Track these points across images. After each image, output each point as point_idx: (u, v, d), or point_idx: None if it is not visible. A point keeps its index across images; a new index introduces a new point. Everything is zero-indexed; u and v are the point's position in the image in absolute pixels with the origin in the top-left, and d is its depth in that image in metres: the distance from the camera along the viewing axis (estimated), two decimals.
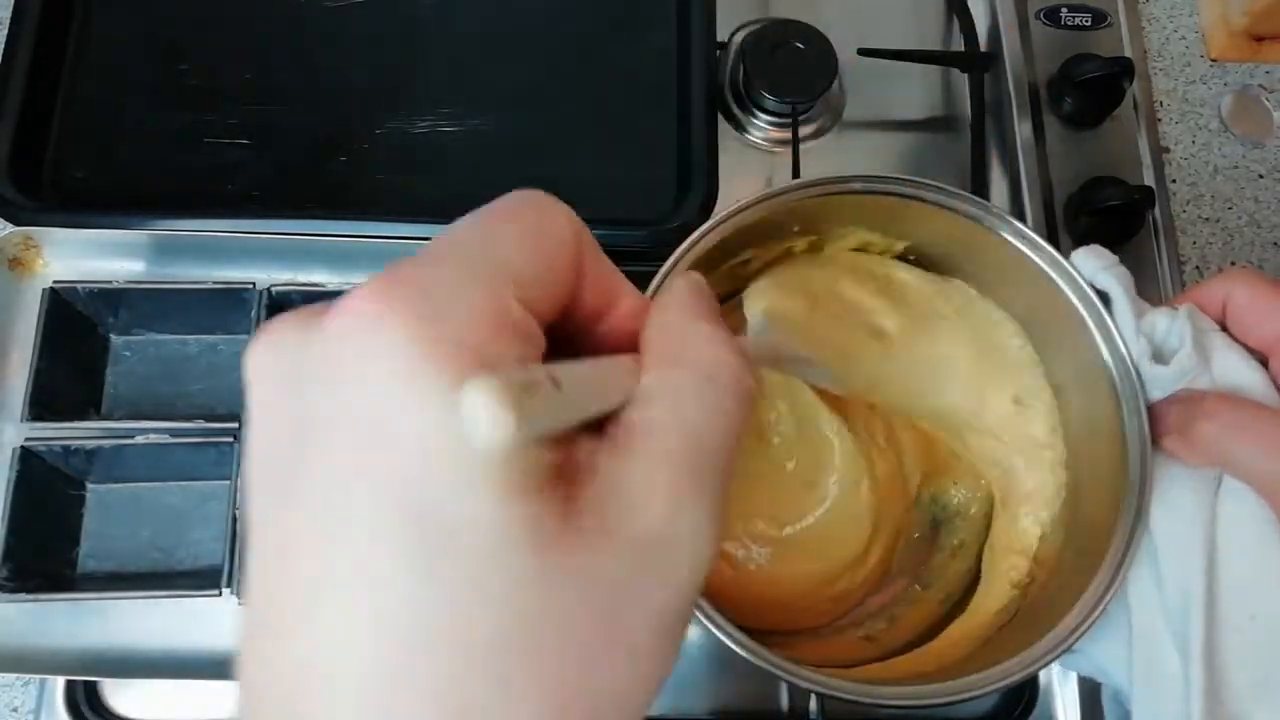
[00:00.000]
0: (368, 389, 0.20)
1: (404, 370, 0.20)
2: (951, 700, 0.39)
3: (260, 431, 0.23)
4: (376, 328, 0.20)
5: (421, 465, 0.20)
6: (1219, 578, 0.38)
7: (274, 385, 0.23)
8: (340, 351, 0.21)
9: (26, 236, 0.55)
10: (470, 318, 0.21)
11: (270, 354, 0.23)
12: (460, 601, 0.20)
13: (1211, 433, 0.38)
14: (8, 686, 0.58)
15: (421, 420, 0.20)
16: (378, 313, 0.21)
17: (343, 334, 0.21)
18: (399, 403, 0.20)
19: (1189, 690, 0.37)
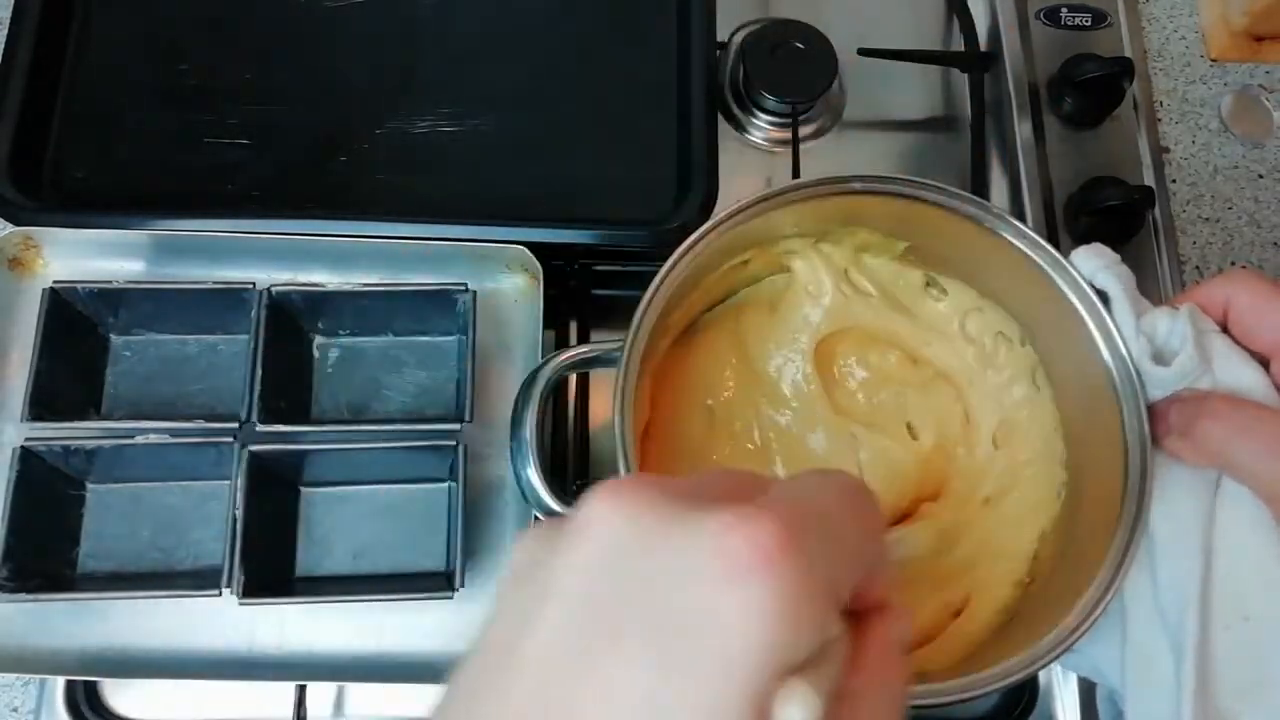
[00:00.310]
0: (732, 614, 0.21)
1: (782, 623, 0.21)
2: (951, 700, 0.39)
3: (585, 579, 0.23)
4: (769, 569, 0.21)
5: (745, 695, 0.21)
6: (1214, 578, 0.38)
7: (621, 549, 0.23)
8: (725, 563, 0.22)
9: (26, 236, 0.55)
10: (828, 598, 0.23)
11: (625, 511, 0.23)
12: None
13: (1215, 433, 0.38)
14: (8, 686, 0.58)
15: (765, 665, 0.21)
16: (776, 557, 0.22)
17: (733, 551, 0.22)
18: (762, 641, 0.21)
19: (1180, 689, 0.37)
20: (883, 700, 0.26)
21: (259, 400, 0.52)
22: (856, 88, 0.72)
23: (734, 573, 0.21)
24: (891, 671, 0.26)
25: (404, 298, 0.55)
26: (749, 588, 0.21)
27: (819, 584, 0.22)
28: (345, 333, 0.58)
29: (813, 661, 0.23)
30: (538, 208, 0.61)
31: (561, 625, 0.22)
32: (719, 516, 0.22)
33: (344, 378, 0.58)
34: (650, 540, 0.23)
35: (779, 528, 0.22)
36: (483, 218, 0.58)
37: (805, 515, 0.23)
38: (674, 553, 0.22)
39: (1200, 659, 0.37)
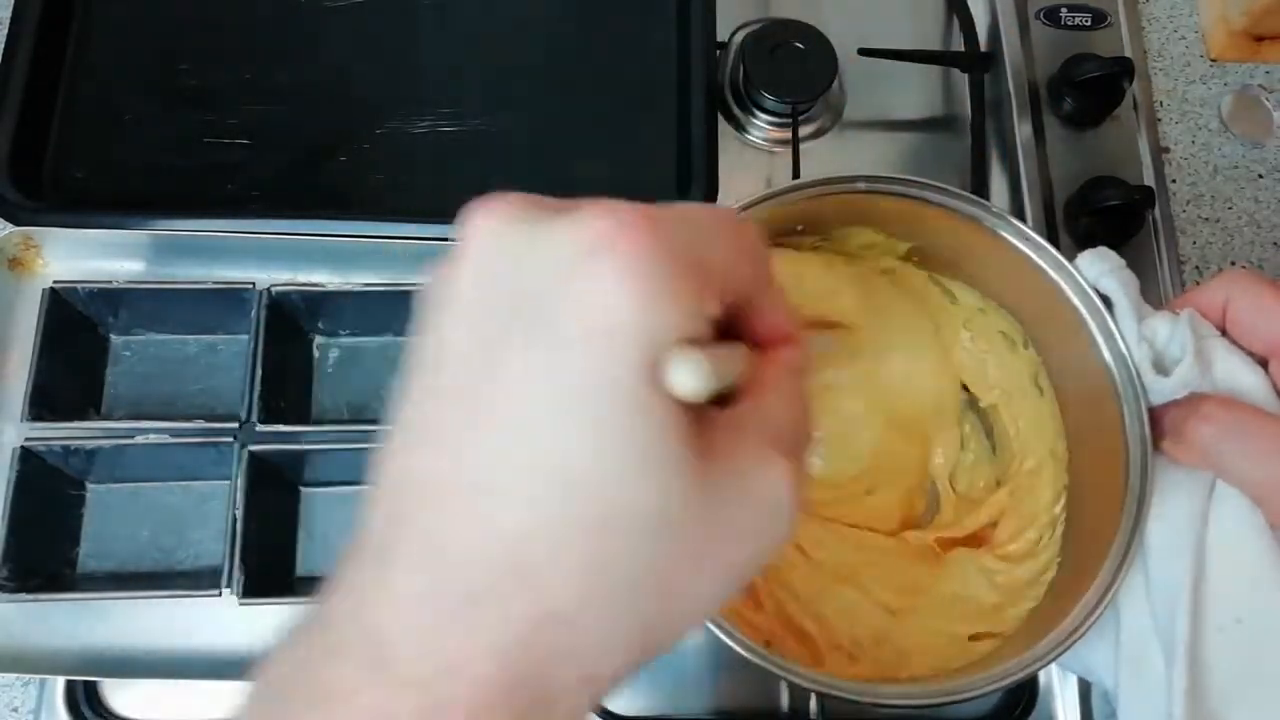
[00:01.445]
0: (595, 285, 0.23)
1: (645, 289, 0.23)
2: (952, 700, 0.39)
3: (466, 287, 0.25)
4: (637, 241, 0.23)
5: (630, 363, 0.23)
6: (1206, 579, 0.38)
7: (491, 250, 0.25)
8: (594, 243, 0.23)
9: (26, 236, 0.55)
10: (700, 277, 0.25)
11: (495, 220, 0.26)
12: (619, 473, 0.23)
13: (1206, 435, 0.38)
14: (8, 686, 0.57)
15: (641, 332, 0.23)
16: (642, 230, 0.24)
17: (602, 230, 0.24)
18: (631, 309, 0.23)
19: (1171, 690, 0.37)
20: (782, 397, 0.28)
21: (259, 400, 0.52)
22: (856, 88, 0.72)
23: (595, 247, 0.23)
24: (791, 381, 0.29)
25: (404, 298, 0.55)
26: (611, 258, 0.23)
27: (681, 258, 0.24)
28: (345, 333, 0.58)
29: (702, 342, 0.25)
30: None
31: (460, 329, 0.25)
32: (583, 209, 0.24)
33: (344, 378, 0.58)
34: (525, 239, 0.25)
35: (638, 213, 0.24)
36: None
37: (670, 213, 0.25)
38: (546, 247, 0.24)
39: (1192, 660, 0.37)
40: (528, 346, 0.24)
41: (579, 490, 0.23)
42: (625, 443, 0.23)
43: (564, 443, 0.23)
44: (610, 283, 0.23)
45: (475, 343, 0.25)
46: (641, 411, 0.23)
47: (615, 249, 0.23)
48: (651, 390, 0.23)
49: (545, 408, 0.23)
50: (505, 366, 0.24)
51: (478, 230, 0.26)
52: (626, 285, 0.23)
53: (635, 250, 0.23)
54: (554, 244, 0.24)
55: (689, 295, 0.24)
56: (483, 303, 0.25)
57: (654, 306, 0.23)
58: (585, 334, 0.23)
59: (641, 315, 0.23)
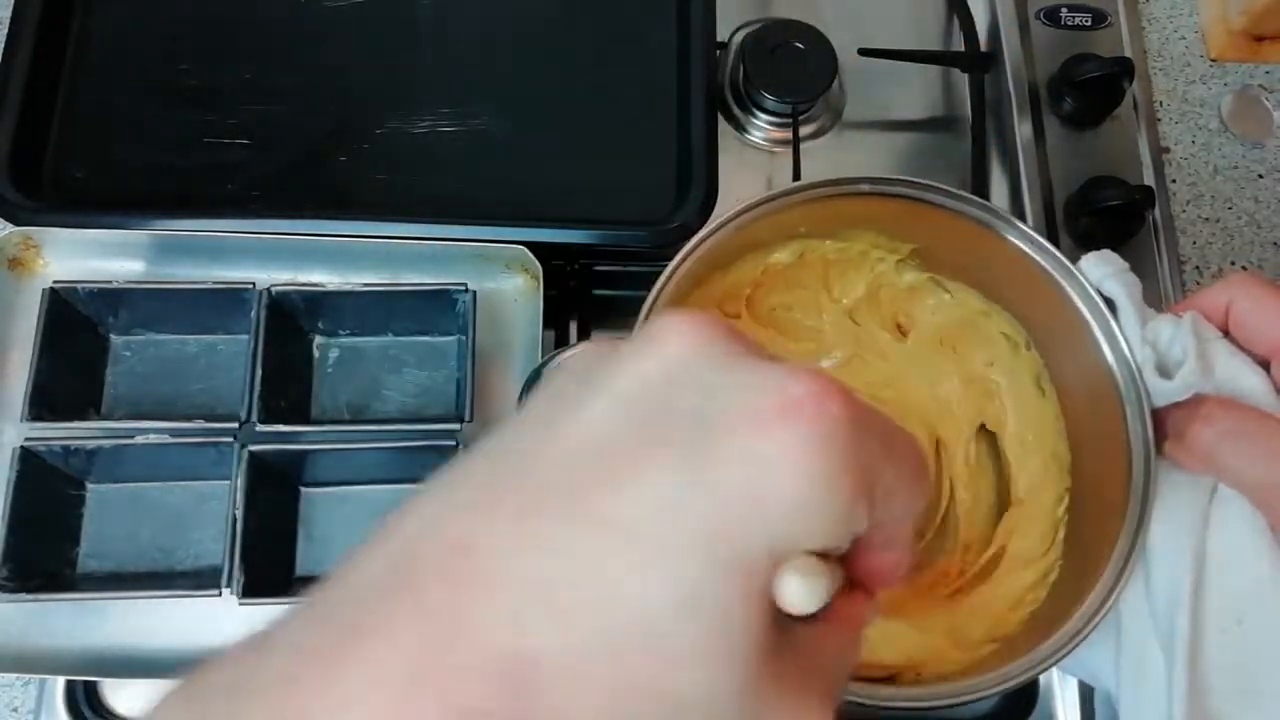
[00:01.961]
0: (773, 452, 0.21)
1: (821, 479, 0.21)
2: (954, 703, 0.39)
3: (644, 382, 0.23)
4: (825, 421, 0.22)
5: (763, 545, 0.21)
6: (1207, 582, 0.38)
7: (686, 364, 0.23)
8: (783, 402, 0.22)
9: (26, 236, 0.55)
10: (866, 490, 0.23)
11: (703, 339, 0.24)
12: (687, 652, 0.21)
13: (1207, 438, 0.38)
14: (8, 686, 0.58)
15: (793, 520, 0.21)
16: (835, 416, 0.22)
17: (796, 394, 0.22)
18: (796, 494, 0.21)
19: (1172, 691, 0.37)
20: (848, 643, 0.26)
21: (259, 400, 0.52)
22: (856, 88, 0.72)
23: (792, 409, 0.22)
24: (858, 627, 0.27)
25: (404, 298, 0.55)
26: (802, 430, 0.21)
27: (863, 466, 0.22)
28: (345, 333, 0.58)
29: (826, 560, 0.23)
30: (538, 208, 0.61)
31: (607, 418, 0.23)
32: (791, 366, 0.23)
33: (344, 378, 0.58)
34: (717, 366, 0.23)
35: (846, 398, 0.22)
36: (483, 218, 0.58)
37: (869, 413, 0.23)
38: (736, 384, 0.23)
39: (1192, 662, 0.37)
40: (671, 469, 0.22)
41: (625, 640, 0.21)
42: (710, 625, 0.21)
43: (644, 584, 0.21)
44: (791, 454, 0.21)
45: (611, 436, 0.22)
46: (743, 601, 0.21)
47: (811, 423, 0.21)
48: (764, 586, 0.22)
49: (650, 537, 0.21)
50: (632, 475, 0.22)
51: (677, 333, 0.24)
52: (804, 466, 0.21)
53: (829, 436, 0.22)
54: (749, 385, 0.22)
55: (853, 507, 0.22)
56: (643, 405, 0.23)
57: (818, 502, 0.21)
58: (739, 490, 0.21)
59: (802, 505, 0.21)
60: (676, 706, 0.21)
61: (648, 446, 0.22)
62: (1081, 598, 0.40)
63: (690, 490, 0.21)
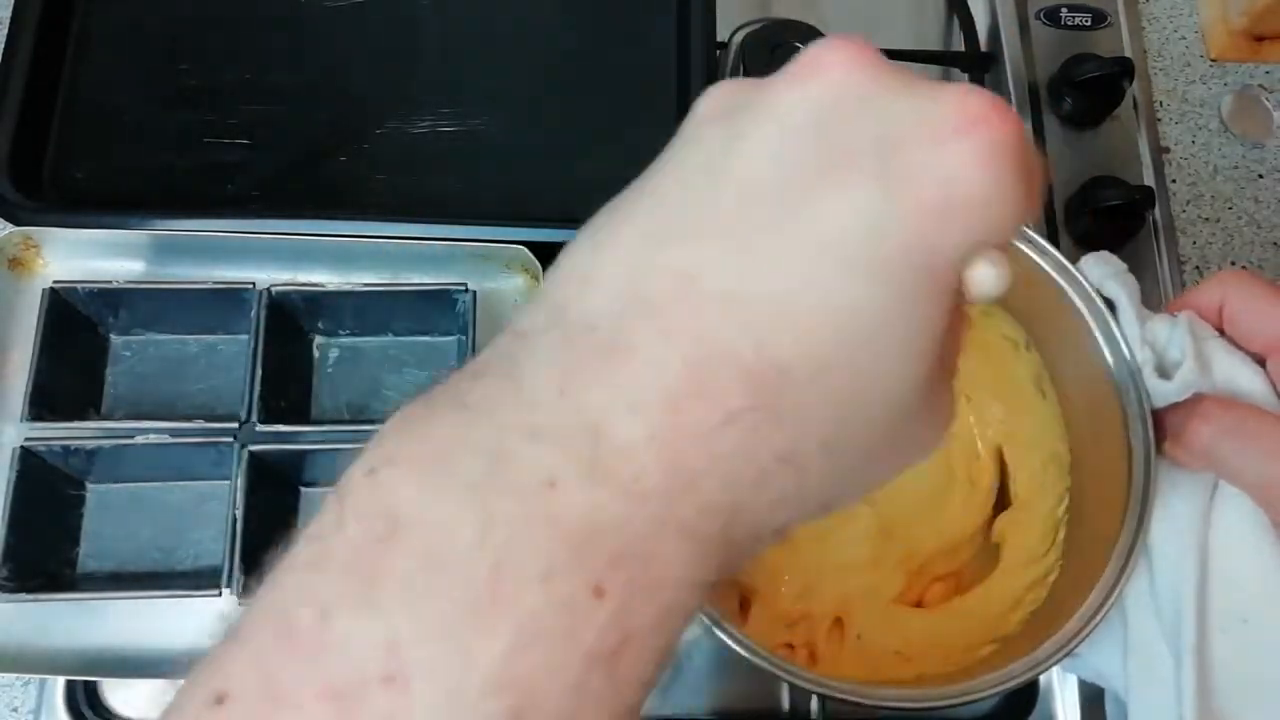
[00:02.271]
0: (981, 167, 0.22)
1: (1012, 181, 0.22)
2: (955, 703, 0.39)
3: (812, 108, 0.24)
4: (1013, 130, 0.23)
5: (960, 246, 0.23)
6: (1211, 580, 0.38)
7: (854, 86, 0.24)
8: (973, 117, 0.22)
9: (26, 236, 0.55)
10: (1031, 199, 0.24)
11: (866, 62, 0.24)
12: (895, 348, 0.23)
13: (1206, 436, 0.38)
14: (8, 686, 0.57)
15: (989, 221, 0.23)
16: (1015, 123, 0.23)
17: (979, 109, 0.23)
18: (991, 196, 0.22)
19: (1180, 691, 0.37)
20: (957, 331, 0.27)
21: (259, 400, 0.52)
22: None
23: (974, 121, 0.22)
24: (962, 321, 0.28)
25: (404, 298, 0.55)
26: (988, 138, 0.22)
27: (1030, 169, 0.23)
28: (345, 333, 0.58)
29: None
30: (538, 208, 0.61)
31: (781, 147, 0.23)
32: (959, 86, 0.23)
33: (344, 378, 0.58)
34: (886, 88, 0.24)
35: (1012, 111, 0.23)
36: (483, 218, 0.58)
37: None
38: (910, 103, 0.23)
39: (1199, 661, 0.37)
40: (866, 187, 0.22)
41: (851, 343, 0.22)
42: (918, 325, 0.23)
43: (855, 292, 0.22)
44: (979, 161, 0.22)
45: (796, 163, 0.23)
46: (940, 300, 0.23)
47: (994, 131, 0.22)
48: (954, 282, 0.23)
49: (854, 246, 0.22)
50: (831, 195, 0.22)
51: (835, 62, 0.24)
52: (995, 171, 0.22)
53: (1012, 140, 0.23)
54: (924, 103, 0.23)
55: (1029, 202, 0.23)
56: (818, 130, 0.23)
57: (1011, 200, 0.23)
58: (933, 201, 0.22)
59: (998, 206, 0.23)
60: (888, 397, 0.23)
61: (837, 168, 0.23)
62: (1082, 598, 0.40)
63: (888, 205, 0.22)
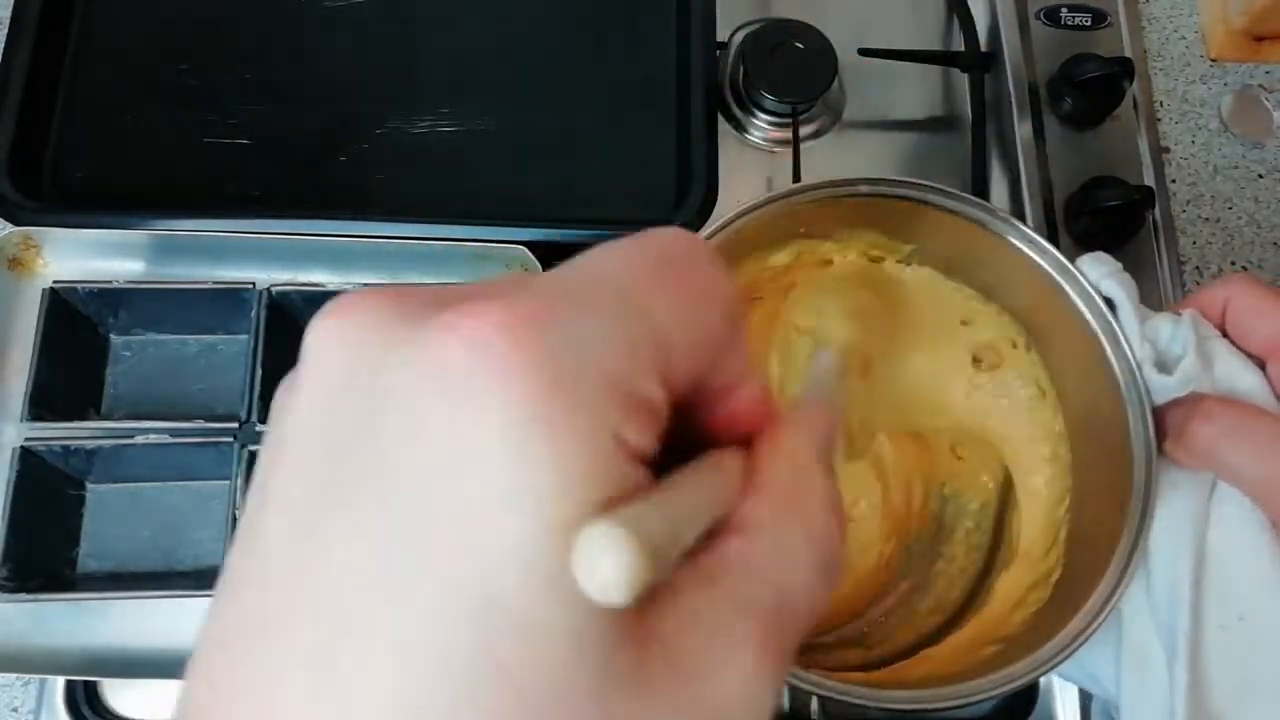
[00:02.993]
0: (457, 433, 0.17)
1: (512, 426, 0.16)
2: (954, 704, 0.39)
3: (301, 430, 0.19)
4: (495, 371, 0.17)
5: (500, 548, 0.16)
6: (1207, 578, 0.38)
7: (334, 380, 0.18)
8: (433, 370, 0.17)
9: (26, 236, 0.55)
10: (601, 383, 0.17)
11: (341, 337, 0.19)
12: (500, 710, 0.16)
13: (1206, 435, 0.38)
14: (8, 686, 0.57)
15: (518, 504, 0.16)
16: (503, 354, 0.17)
17: (442, 351, 0.17)
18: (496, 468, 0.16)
19: (1173, 688, 0.37)
20: (792, 534, 0.20)
21: (259, 400, 0.52)
22: (856, 88, 0.72)
23: (451, 389, 0.17)
24: (800, 494, 0.21)
25: None
26: (471, 405, 0.17)
27: (587, 378, 0.17)
28: None
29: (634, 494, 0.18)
30: (538, 208, 0.61)
31: (289, 487, 0.18)
32: (441, 318, 0.17)
33: None
34: (374, 362, 0.18)
35: (509, 317, 0.17)
36: (483, 218, 0.58)
37: (567, 292, 0.19)
38: (397, 373, 0.17)
39: (1193, 658, 0.37)
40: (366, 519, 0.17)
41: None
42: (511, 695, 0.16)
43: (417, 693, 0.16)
44: (474, 440, 0.16)
45: (305, 509, 0.18)
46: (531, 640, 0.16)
47: (481, 390, 0.17)
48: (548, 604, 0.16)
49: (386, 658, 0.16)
50: (337, 539, 0.17)
51: (320, 345, 0.19)
52: (501, 443, 0.16)
53: (509, 393, 0.16)
54: (408, 371, 0.17)
55: (604, 423, 0.17)
56: (317, 452, 0.18)
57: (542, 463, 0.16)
58: (441, 503, 0.16)
59: (521, 486, 0.16)
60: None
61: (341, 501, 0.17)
62: (1084, 597, 0.40)
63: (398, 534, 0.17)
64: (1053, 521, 0.47)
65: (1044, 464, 0.48)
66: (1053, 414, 0.49)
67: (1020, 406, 0.50)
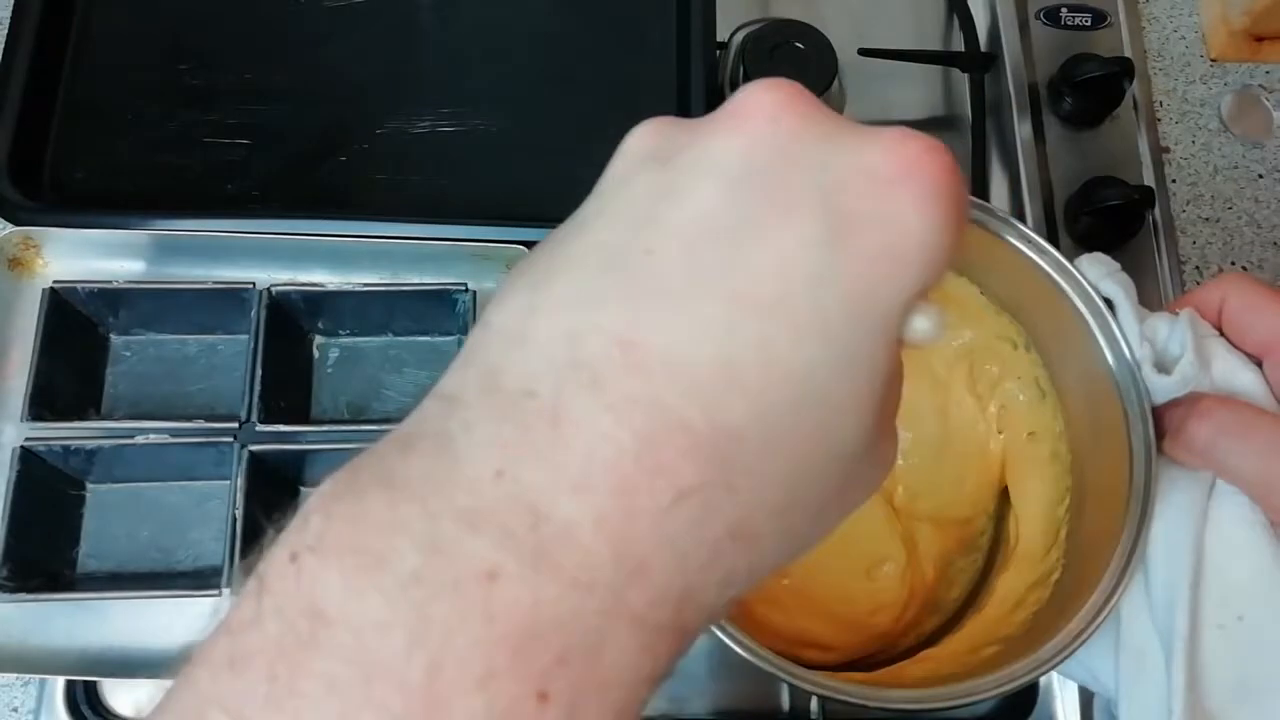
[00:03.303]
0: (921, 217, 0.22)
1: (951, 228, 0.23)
2: (954, 704, 0.39)
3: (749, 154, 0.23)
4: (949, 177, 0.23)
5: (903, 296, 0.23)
6: (1206, 577, 0.38)
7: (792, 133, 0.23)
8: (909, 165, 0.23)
9: (26, 236, 0.55)
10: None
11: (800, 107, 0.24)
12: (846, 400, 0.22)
13: (1204, 434, 0.38)
14: (8, 686, 0.57)
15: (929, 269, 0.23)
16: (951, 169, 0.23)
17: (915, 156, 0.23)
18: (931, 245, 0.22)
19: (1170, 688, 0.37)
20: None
21: (259, 400, 0.52)
22: (856, 88, 0.72)
23: (911, 170, 0.22)
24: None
25: (404, 298, 0.55)
26: (925, 186, 0.22)
27: (964, 208, 0.23)
28: (345, 333, 0.58)
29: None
30: (538, 208, 0.61)
31: (721, 196, 0.22)
32: (893, 131, 0.23)
33: (344, 378, 0.58)
34: (819, 134, 0.23)
35: (943, 150, 0.23)
36: (483, 218, 0.58)
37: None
38: (845, 149, 0.23)
39: (1191, 657, 0.37)
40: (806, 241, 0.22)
41: (803, 404, 0.22)
42: (865, 379, 0.22)
43: (804, 351, 0.21)
44: (919, 207, 0.22)
45: (734, 216, 0.22)
46: (886, 351, 0.23)
47: (931, 175, 0.22)
48: (897, 330, 0.23)
49: (799, 302, 0.21)
50: (772, 251, 0.22)
51: (767, 107, 0.24)
52: (934, 217, 0.22)
53: (949, 188, 0.23)
54: (860, 149, 0.23)
55: (961, 243, 0.23)
56: (759, 176, 0.23)
57: (945, 245, 0.23)
58: (875, 252, 0.22)
59: (937, 253, 0.22)
60: (838, 451, 0.23)
61: (776, 222, 0.22)
62: (1084, 597, 0.40)
63: (830, 258, 0.22)
64: (1053, 521, 0.47)
65: (1044, 464, 0.48)
66: (1053, 414, 0.49)
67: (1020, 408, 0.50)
